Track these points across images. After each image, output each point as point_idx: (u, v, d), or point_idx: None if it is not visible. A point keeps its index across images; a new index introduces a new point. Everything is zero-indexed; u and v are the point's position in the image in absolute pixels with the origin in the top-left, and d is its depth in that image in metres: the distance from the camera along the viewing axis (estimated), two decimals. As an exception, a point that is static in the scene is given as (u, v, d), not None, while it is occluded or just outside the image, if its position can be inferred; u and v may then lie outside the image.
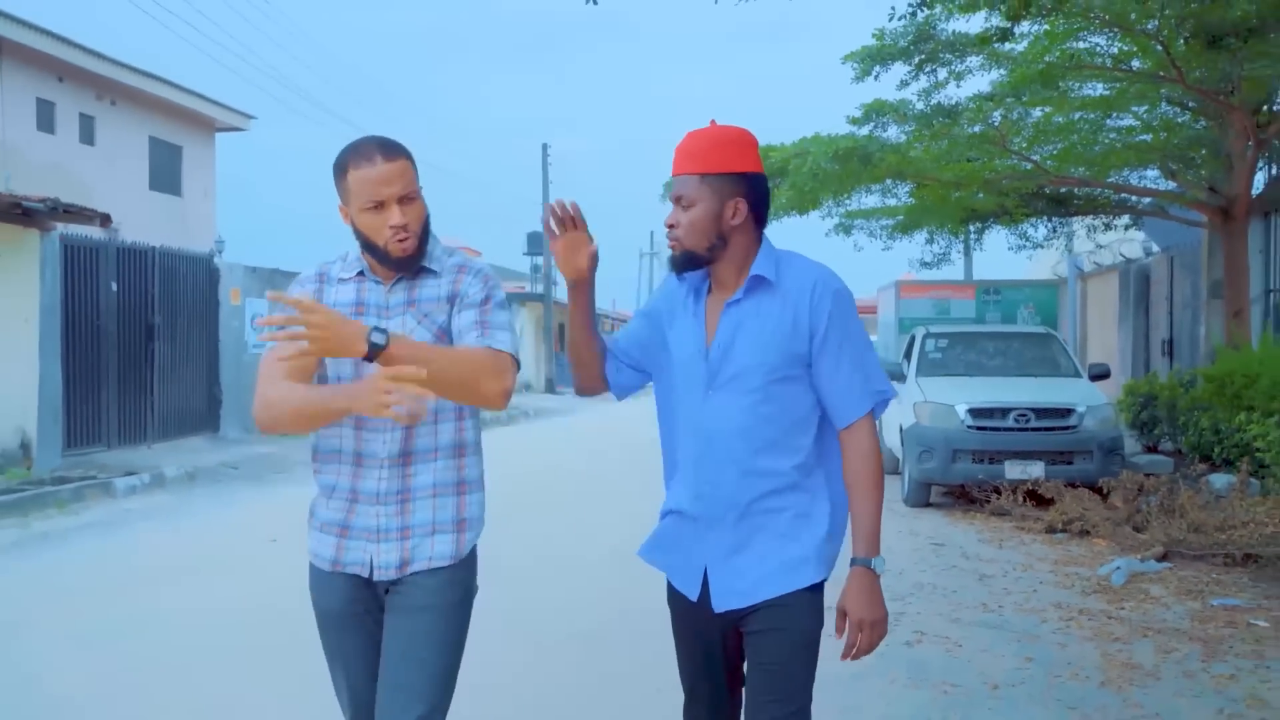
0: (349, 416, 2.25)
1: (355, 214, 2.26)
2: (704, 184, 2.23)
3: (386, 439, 2.29)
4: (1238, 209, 11.33)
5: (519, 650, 4.87)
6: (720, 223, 2.24)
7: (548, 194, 34.60)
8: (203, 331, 14.33)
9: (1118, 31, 9.63)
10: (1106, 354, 18.56)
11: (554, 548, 7.46)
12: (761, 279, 2.26)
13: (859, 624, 2.21)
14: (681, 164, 2.27)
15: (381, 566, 2.29)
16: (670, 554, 2.37)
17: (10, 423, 10.57)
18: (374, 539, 2.29)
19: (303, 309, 2.04)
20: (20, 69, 16.23)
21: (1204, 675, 4.61)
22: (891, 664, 4.78)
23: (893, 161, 11.35)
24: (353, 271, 2.36)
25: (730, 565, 2.26)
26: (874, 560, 2.24)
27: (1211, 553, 6.96)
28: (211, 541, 7.91)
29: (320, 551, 2.35)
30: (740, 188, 2.24)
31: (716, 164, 2.23)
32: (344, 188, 2.27)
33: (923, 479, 9.46)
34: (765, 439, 2.24)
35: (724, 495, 2.25)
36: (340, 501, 2.33)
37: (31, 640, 5.14)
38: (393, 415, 2.01)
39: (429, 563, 2.30)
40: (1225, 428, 9.77)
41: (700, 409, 2.28)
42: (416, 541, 2.30)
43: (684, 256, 2.27)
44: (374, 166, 2.21)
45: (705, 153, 2.24)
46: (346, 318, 2.12)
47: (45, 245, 10.98)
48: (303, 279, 2.41)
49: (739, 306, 2.27)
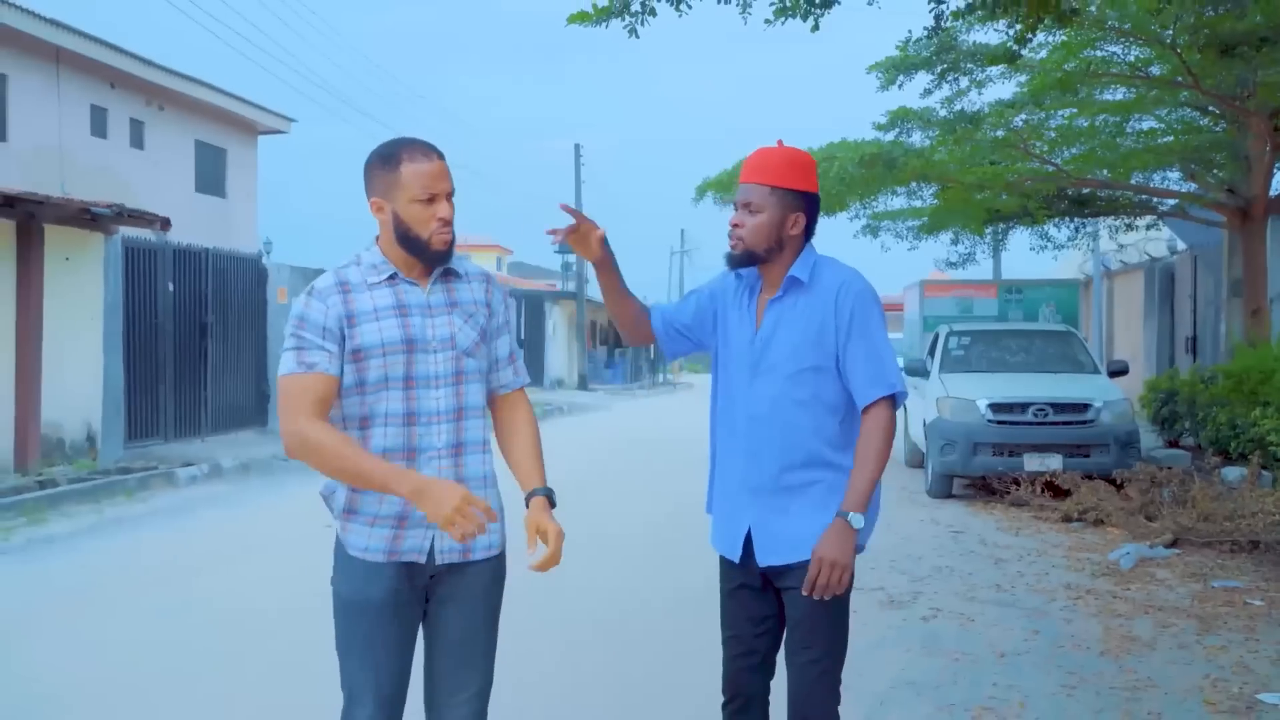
0: (400, 412, 2.37)
1: (403, 205, 2.34)
2: (773, 195, 2.59)
3: (442, 430, 2.40)
4: (1256, 210, 11.62)
5: (554, 626, 5.34)
6: (780, 230, 2.60)
7: (579, 193, 35.08)
8: (252, 330, 14.92)
9: (1133, 40, 9.97)
10: (1132, 351, 18.79)
11: (602, 527, 7.93)
12: (796, 280, 2.61)
13: (819, 561, 2.47)
14: (753, 174, 2.62)
15: (444, 550, 2.39)
16: (721, 525, 2.75)
17: (78, 416, 11.17)
18: (434, 525, 2.35)
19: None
20: (76, 77, 16.87)
21: (1197, 647, 5.00)
22: (907, 636, 5.21)
23: (917, 165, 11.75)
24: (383, 275, 2.41)
25: (771, 528, 2.62)
26: (852, 515, 2.51)
27: (1218, 540, 7.30)
28: (273, 527, 8.45)
29: (371, 545, 2.37)
30: (801, 204, 2.62)
31: (786, 180, 2.60)
32: (392, 180, 2.35)
33: (945, 471, 9.84)
34: (799, 421, 2.59)
35: (765, 468, 2.62)
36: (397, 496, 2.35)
37: (125, 614, 5.67)
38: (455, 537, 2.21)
39: (487, 551, 2.45)
40: (1242, 422, 10.06)
41: (747, 391, 2.65)
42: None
43: (744, 254, 2.63)
44: (430, 161, 2.36)
45: (777, 168, 2.60)
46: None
47: (109, 248, 11.60)
48: (322, 291, 2.39)
49: (780, 304, 2.63)
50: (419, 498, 2.21)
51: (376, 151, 2.42)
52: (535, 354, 32.64)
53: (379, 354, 2.36)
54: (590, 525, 8.19)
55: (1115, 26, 9.72)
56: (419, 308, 2.41)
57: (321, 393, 2.33)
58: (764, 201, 2.59)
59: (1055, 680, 4.52)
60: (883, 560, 6.94)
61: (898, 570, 6.72)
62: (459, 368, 2.43)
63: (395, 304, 2.40)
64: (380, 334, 2.37)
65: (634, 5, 5.92)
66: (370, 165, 2.41)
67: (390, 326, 2.38)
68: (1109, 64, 10.69)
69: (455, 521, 2.19)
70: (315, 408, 2.31)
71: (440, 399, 2.41)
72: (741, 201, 2.62)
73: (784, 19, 6.06)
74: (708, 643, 2.89)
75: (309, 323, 2.36)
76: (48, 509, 8.66)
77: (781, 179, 2.59)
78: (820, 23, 6.05)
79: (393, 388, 2.38)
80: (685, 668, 4.49)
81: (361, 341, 2.36)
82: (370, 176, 2.40)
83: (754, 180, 2.61)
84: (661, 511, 8.93)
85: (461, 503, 2.19)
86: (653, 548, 7.49)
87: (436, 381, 2.41)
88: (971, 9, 6.35)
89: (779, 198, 2.59)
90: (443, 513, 2.19)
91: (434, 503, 2.20)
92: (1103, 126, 12.34)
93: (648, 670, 4.68)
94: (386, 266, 2.42)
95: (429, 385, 2.40)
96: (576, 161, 35.63)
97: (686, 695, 4.14)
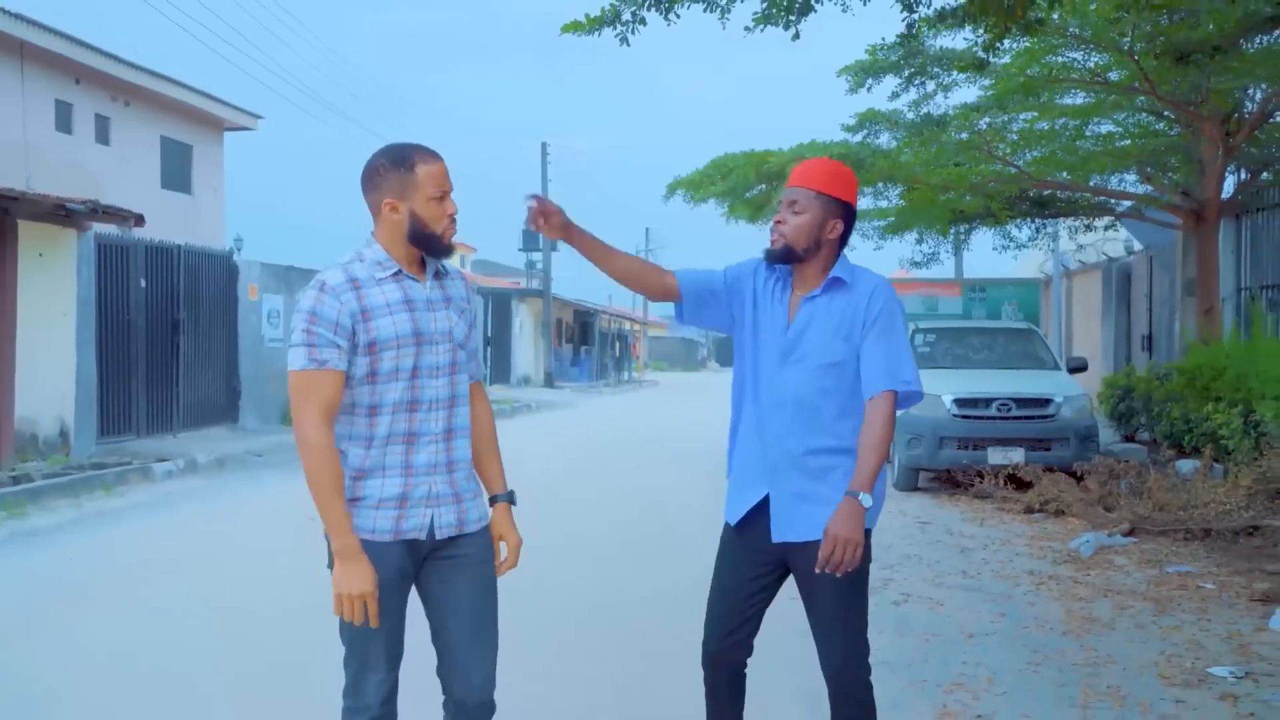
0: (405, 400, 2.54)
1: (420, 204, 2.52)
2: (818, 199, 2.81)
3: (439, 417, 2.59)
4: (1209, 212, 12.01)
5: (535, 624, 5.51)
6: (820, 232, 2.81)
7: (547, 193, 35.19)
8: (223, 326, 14.92)
9: (1093, 47, 10.31)
10: (1090, 348, 19.26)
11: (575, 526, 8.10)
12: (839, 280, 2.83)
13: (834, 538, 2.66)
14: (803, 179, 2.84)
15: (442, 526, 2.59)
16: (736, 495, 2.93)
17: (51, 412, 11.17)
18: (432, 504, 2.57)
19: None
20: (40, 72, 16.77)
21: (1153, 626, 5.28)
22: (879, 620, 5.41)
23: (884, 166, 12.04)
24: (389, 271, 2.55)
25: (790, 507, 2.81)
26: (862, 494, 2.70)
27: (1173, 528, 7.62)
28: (252, 521, 8.54)
29: (379, 526, 2.53)
30: (841, 212, 2.84)
31: (831, 188, 2.82)
32: (408, 180, 2.52)
33: (911, 464, 10.12)
34: (822, 409, 2.80)
35: (788, 450, 2.81)
36: (397, 478, 2.55)
37: (113, 607, 5.77)
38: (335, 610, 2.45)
39: (478, 523, 2.67)
40: (1195, 417, 10.42)
41: (776, 378, 2.84)
42: (468, 504, 2.65)
43: (783, 250, 2.82)
44: (438, 162, 2.57)
45: (824, 177, 2.83)
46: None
47: (82, 244, 11.59)
48: (335, 288, 2.51)
49: (815, 302, 2.84)
50: (340, 559, 2.45)
51: (384, 156, 2.56)
52: (502, 351, 32.68)
53: (393, 346, 2.52)
54: (563, 524, 8.38)
55: (1076, 34, 10.06)
56: (422, 302, 2.58)
57: (332, 390, 2.49)
58: (809, 204, 2.80)
59: (1021, 658, 4.76)
60: (854, 549, 7.17)
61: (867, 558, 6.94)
62: (454, 358, 2.63)
63: (403, 299, 2.55)
64: (395, 328, 2.53)
65: (625, 15, 6.12)
66: (379, 168, 2.55)
67: (402, 321, 2.54)
68: (1070, 69, 11.04)
69: (344, 602, 2.44)
70: (324, 409, 2.48)
71: (439, 388, 2.60)
72: (787, 201, 2.83)
73: (763, 26, 6.28)
74: (688, 637, 3.04)
75: (322, 318, 2.48)
76: (28, 503, 8.69)
77: (825, 186, 2.81)
78: (800, 30, 6.29)
79: (402, 378, 2.54)
80: (667, 663, 4.68)
81: (378, 335, 2.51)
82: (380, 178, 2.55)
83: (801, 184, 2.83)
84: (634, 509, 9.13)
85: (362, 596, 2.44)
86: (626, 545, 7.68)
87: (437, 371, 2.59)
88: (942, 17, 6.61)
89: (822, 203, 2.80)
90: (347, 589, 2.44)
91: (348, 576, 2.44)
92: (1063, 130, 12.70)
93: (629, 666, 4.86)
94: (391, 263, 2.56)
95: (432, 375, 2.59)
96: (543, 160, 35.75)
97: (669, 689, 4.33)
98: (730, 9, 6.23)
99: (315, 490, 2.46)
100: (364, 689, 2.57)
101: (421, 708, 3.11)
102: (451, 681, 2.67)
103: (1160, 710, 4.08)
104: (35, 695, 4.25)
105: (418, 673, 2.90)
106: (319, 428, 2.47)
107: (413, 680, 2.88)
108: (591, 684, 4.43)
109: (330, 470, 2.46)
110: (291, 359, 2.51)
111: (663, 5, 6.07)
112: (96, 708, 4.15)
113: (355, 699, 2.58)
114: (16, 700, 4.21)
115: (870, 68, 11.31)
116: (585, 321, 44.89)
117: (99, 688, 4.35)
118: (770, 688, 3.73)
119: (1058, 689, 4.33)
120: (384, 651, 2.57)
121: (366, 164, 2.60)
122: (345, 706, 2.60)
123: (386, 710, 2.59)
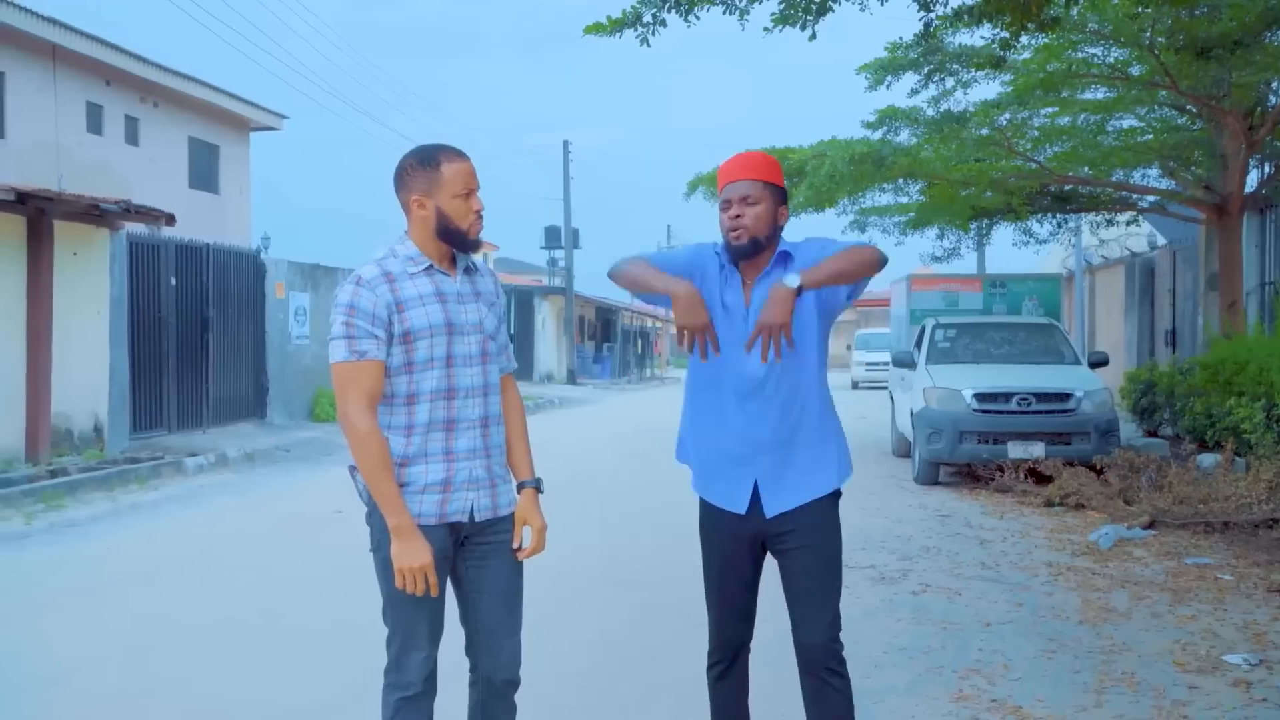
0: (443, 388, 2.66)
1: (445, 200, 2.65)
2: (765, 189, 2.88)
3: (474, 404, 2.72)
4: (1232, 206, 12.00)
5: (570, 589, 5.65)
6: (775, 219, 2.90)
7: (569, 190, 35.34)
8: (251, 323, 15.14)
9: (1113, 43, 10.33)
10: (1113, 344, 19.20)
11: (602, 513, 8.24)
12: (786, 254, 2.89)
13: (759, 327, 2.72)
14: (745, 172, 2.90)
15: (480, 510, 2.72)
16: (715, 483, 2.96)
17: (86, 407, 11.40)
18: (473, 488, 2.72)
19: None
20: (72, 74, 17.03)
21: (1169, 616, 5.35)
22: (898, 608, 5.54)
23: (904, 163, 12.09)
24: (421, 266, 2.68)
25: (778, 482, 2.89)
26: (789, 276, 2.74)
27: (1193, 522, 7.66)
28: (284, 513, 8.72)
29: (425, 510, 2.66)
30: (781, 197, 2.94)
31: (772, 176, 2.92)
32: (434, 178, 2.65)
33: (931, 459, 10.18)
34: (793, 380, 2.87)
35: (769, 427, 2.88)
36: (439, 464, 2.68)
37: (161, 589, 5.95)
38: (395, 581, 2.60)
39: (510, 508, 2.81)
40: (1217, 411, 10.42)
41: (743, 361, 2.86)
42: (501, 489, 2.78)
43: (750, 243, 2.86)
44: (464, 161, 2.69)
45: (763, 167, 2.92)
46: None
47: (114, 243, 11.82)
48: (370, 281, 2.64)
49: (768, 279, 2.87)
50: (397, 536, 2.58)
51: (412, 155, 2.71)
52: (525, 348, 32.90)
53: (426, 335, 2.65)
54: (595, 512, 8.50)
55: (1095, 29, 10.08)
56: (453, 295, 2.71)
57: (372, 379, 2.62)
58: (760, 194, 2.87)
59: (1037, 645, 4.85)
60: (873, 541, 7.27)
61: (888, 550, 7.04)
62: (485, 349, 2.76)
63: (435, 291, 2.69)
64: (428, 318, 2.66)
65: (645, 17, 6.24)
66: (408, 167, 2.69)
67: (435, 311, 2.67)
68: (1090, 65, 11.06)
69: (405, 575, 2.57)
70: (367, 396, 2.61)
71: (473, 376, 2.73)
72: (739, 197, 2.87)
73: (781, 27, 6.38)
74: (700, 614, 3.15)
75: (360, 310, 2.61)
76: (65, 496, 8.91)
77: (769, 175, 2.91)
78: (816, 31, 6.38)
79: (437, 366, 2.67)
80: (685, 633, 4.79)
81: (411, 325, 2.64)
82: (409, 177, 2.69)
83: (748, 177, 2.89)
84: (657, 500, 9.25)
85: (423, 568, 2.58)
86: (654, 529, 7.80)
87: (470, 360, 2.72)
88: (958, 16, 6.68)
89: (770, 191, 2.89)
90: (407, 563, 2.57)
91: (406, 551, 2.57)
92: (1084, 125, 12.71)
93: (653, 636, 4.98)
94: (423, 258, 2.70)
95: (466, 364, 2.72)
96: (565, 158, 35.88)
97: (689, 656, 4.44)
98: (749, 10, 6.34)
99: (367, 474, 2.60)
100: (407, 665, 2.69)
101: (444, 686, 3.23)
102: (480, 659, 2.80)
103: (1173, 696, 4.16)
104: (77, 674, 4.42)
105: (443, 651, 3.02)
106: (363, 413, 2.60)
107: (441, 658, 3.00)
108: (613, 648, 4.55)
109: (379, 452, 2.60)
110: (332, 351, 2.64)
111: (682, 7, 6.18)
112: (139, 687, 4.31)
113: (398, 675, 2.70)
114: (60, 679, 4.38)
115: (890, 65, 11.37)
116: (607, 319, 45.03)
117: (140, 669, 4.51)
118: (771, 677, 3.84)
119: (1072, 675, 4.42)
120: (427, 629, 2.69)
121: (397, 164, 2.73)
122: (387, 684, 2.72)
123: (427, 687, 2.72)
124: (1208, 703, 4.09)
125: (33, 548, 7.14)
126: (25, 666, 4.54)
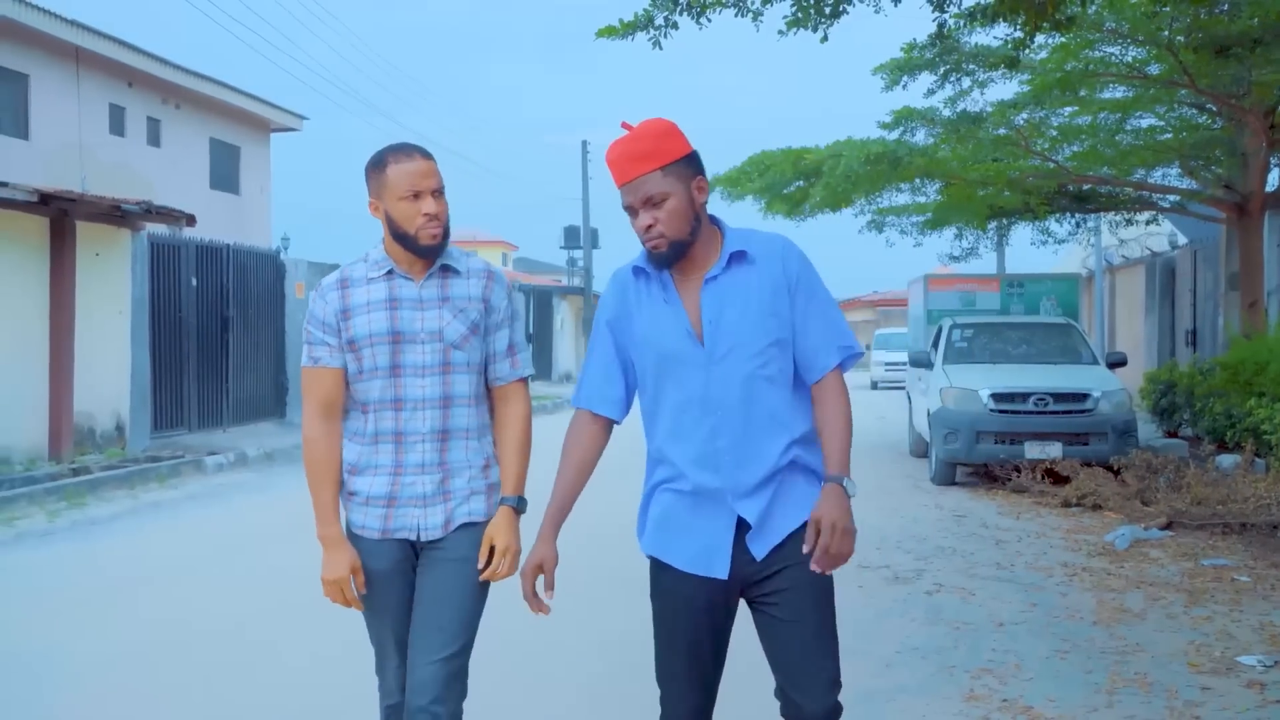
0: (388, 398, 2.58)
1: (391, 204, 2.53)
2: (667, 175, 2.34)
3: (427, 416, 2.59)
4: (1253, 205, 11.92)
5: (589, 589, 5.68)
6: (694, 204, 2.38)
7: (587, 190, 35.43)
8: (270, 323, 15.26)
9: (1131, 41, 10.28)
10: (1133, 344, 19.09)
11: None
12: (741, 254, 2.40)
13: (832, 526, 2.24)
14: (633, 169, 2.36)
15: (428, 528, 2.60)
16: (680, 537, 2.43)
17: (108, 406, 11.54)
18: (420, 505, 2.60)
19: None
20: (95, 76, 17.21)
21: (1184, 617, 5.33)
22: (911, 607, 5.54)
23: (921, 163, 12.07)
24: (381, 270, 2.59)
25: (764, 522, 2.40)
26: (845, 480, 2.33)
27: (1210, 523, 7.62)
28: (302, 512, 8.75)
29: (368, 523, 2.62)
30: (693, 166, 2.39)
31: (668, 154, 2.36)
32: (381, 181, 2.54)
33: (948, 459, 10.16)
34: (775, 402, 2.39)
35: (749, 460, 2.38)
36: (385, 477, 2.60)
37: (180, 588, 6.02)
38: (325, 593, 2.59)
39: (468, 517, 2.63)
40: (1237, 412, 10.35)
41: (705, 386, 2.37)
42: (457, 503, 2.62)
43: (672, 249, 2.37)
44: (413, 161, 2.54)
45: (652, 149, 2.35)
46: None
47: (136, 244, 11.95)
48: (324, 289, 2.62)
49: (718, 282, 2.39)
50: (322, 545, 2.60)
51: (371, 157, 2.63)
52: (544, 348, 32.97)
53: (367, 344, 2.58)
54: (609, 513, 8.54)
55: (1113, 28, 10.03)
56: (410, 301, 2.59)
57: (325, 386, 2.62)
58: (663, 187, 2.35)
59: (1050, 646, 4.85)
60: (889, 541, 7.27)
61: (903, 550, 7.04)
62: (446, 359, 2.61)
63: (387, 297, 2.59)
64: (369, 325, 2.58)
65: (658, 20, 6.27)
66: (367, 170, 2.61)
67: (379, 319, 2.58)
68: (1108, 64, 11.01)
69: (324, 587, 2.59)
70: (319, 403, 2.62)
71: (426, 387, 2.59)
72: (640, 201, 2.36)
73: (795, 30, 6.39)
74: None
75: (314, 317, 2.64)
76: (87, 494, 9.03)
77: (664, 156, 2.36)
78: (828, 34, 6.39)
79: (380, 375, 2.58)
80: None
81: (354, 333, 2.59)
82: (367, 180, 2.61)
83: (639, 173, 2.36)
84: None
85: (336, 581, 2.58)
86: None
87: (423, 370, 2.59)
88: (972, 17, 6.67)
89: (675, 174, 2.36)
90: (324, 575, 2.59)
91: (325, 563, 2.60)
92: (1103, 124, 12.65)
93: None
94: (386, 262, 2.61)
95: (417, 374, 2.59)
96: (584, 158, 35.94)
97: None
98: (762, 13, 6.35)
99: (307, 479, 2.64)
100: (384, 675, 2.72)
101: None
102: (402, 679, 2.66)
103: (1186, 696, 4.15)
104: (99, 673, 4.49)
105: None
106: (312, 420, 2.63)
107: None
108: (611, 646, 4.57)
109: (319, 459, 2.62)
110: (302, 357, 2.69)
111: (694, 10, 6.20)
112: (159, 687, 4.37)
113: (380, 683, 2.75)
114: (81, 678, 4.45)
115: (905, 65, 11.35)
116: (625, 318, 44.94)
117: (158, 669, 4.58)
118: None
119: (1085, 675, 4.42)
120: (392, 641, 2.66)
121: None
122: (379, 691, 2.77)
123: (404, 697, 2.66)
124: (1220, 704, 4.08)
125: (56, 545, 7.25)
126: (48, 664, 4.62)
